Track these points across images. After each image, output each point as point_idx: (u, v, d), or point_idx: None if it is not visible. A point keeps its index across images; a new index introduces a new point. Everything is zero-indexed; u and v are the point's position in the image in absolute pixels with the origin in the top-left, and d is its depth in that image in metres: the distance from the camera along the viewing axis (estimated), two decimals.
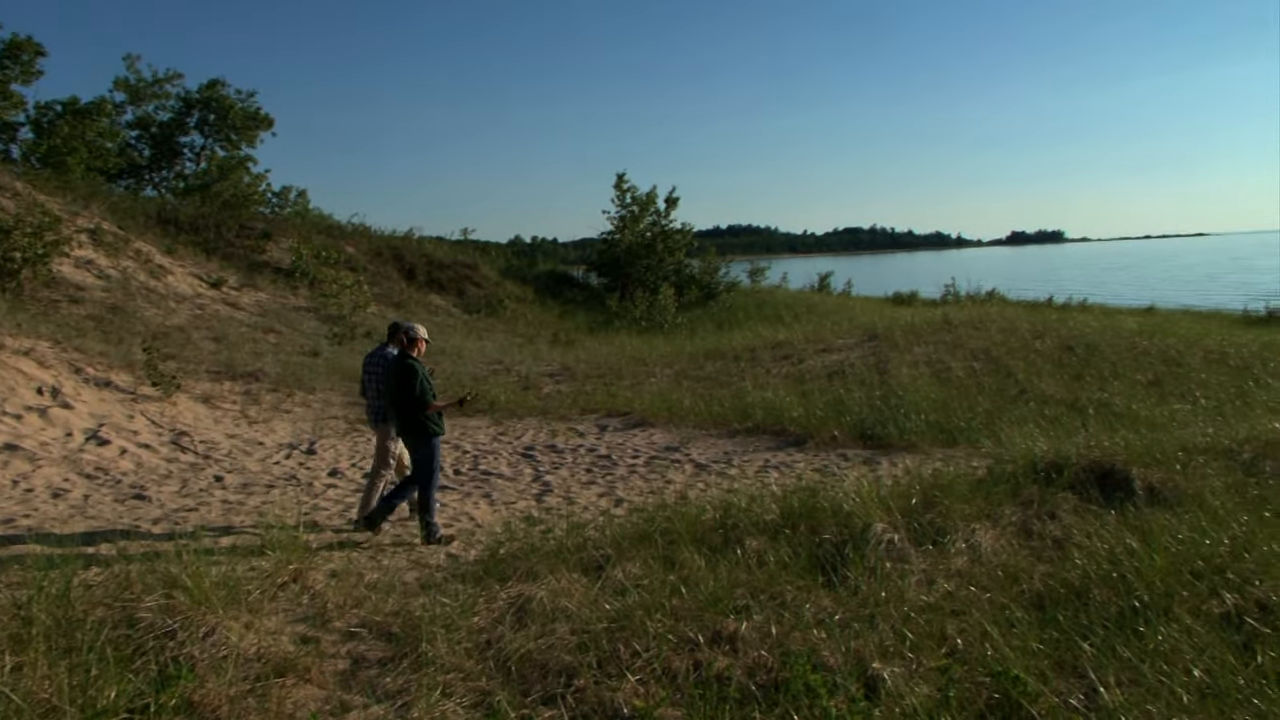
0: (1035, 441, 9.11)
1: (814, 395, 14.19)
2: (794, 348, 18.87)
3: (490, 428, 13.85)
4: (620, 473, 10.94)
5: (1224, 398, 12.55)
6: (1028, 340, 17.28)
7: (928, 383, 14.56)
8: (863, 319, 23.60)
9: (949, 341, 17.66)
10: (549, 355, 21.60)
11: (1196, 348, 16.30)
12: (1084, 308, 30.01)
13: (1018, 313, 22.14)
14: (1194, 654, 4.26)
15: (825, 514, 6.81)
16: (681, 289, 33.59)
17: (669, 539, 6.61)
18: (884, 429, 11.70)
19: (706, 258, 36.35)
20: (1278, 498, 6.70)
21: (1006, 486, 7.64)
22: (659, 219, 36.09)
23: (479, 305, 30.48)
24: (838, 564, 5.98)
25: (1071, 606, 5.11)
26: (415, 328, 8.12)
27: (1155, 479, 7.51)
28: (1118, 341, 16.92)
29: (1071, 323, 19.61)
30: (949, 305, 28.82)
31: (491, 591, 5.83)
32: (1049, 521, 6.89)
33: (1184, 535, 5.97)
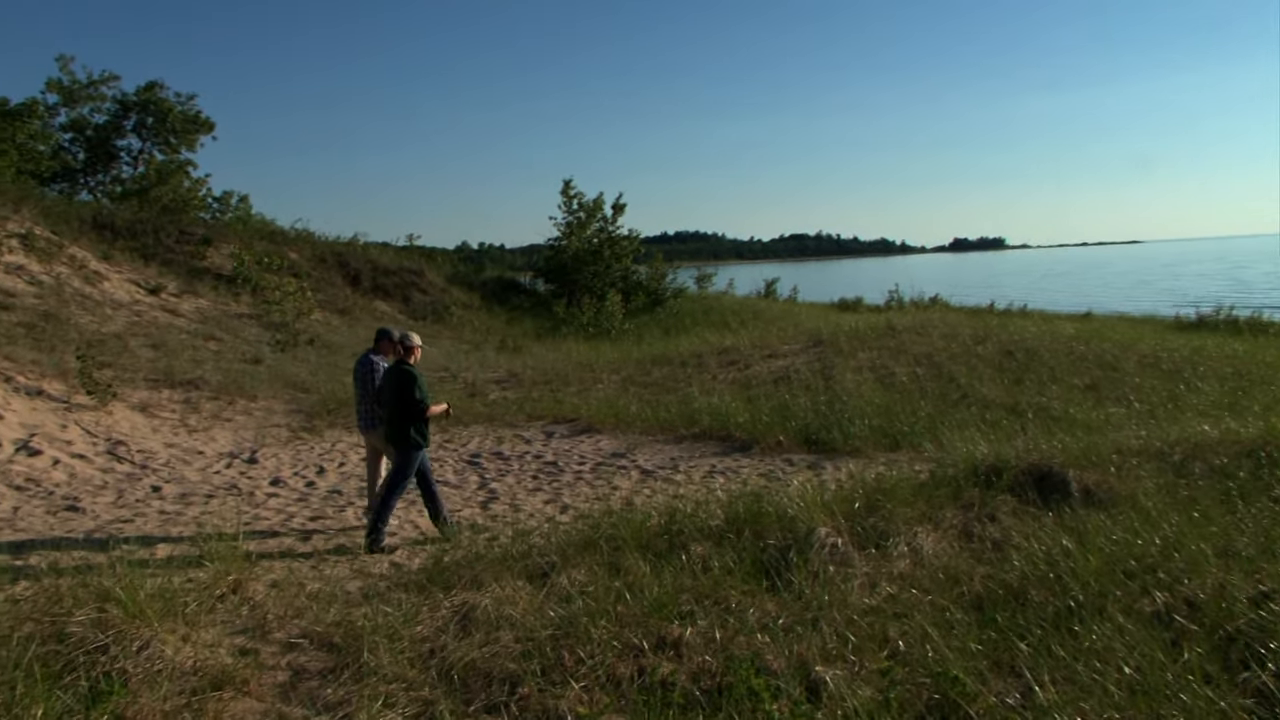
0: (976, 445, 9.27)
1: (760, 401, 14.28)
2: (740, 354, 18.98)
3: (435, 435, 13.72)
4: (567, 479, 10.91)
5: (1156, 401, 12.88)
6: (969, 345, 17.58)
7: (872, 388, 14.74)
8: (808, 325, 23.81)
9: (893, 347, 17.89)
10: (496, 362, 21.49)
11: (1131, 352, 16.71)
12: (1024, 313, 30.59)
13: (960, 318, 22.50)
14: (1125, 651, 4.36)
15: (770, 519, 6.85)
16: (629, 295, 33.60)
17: (614, 545, 6.60)
18: (829, 434, 11.82)
19: (654, 264, 36.42)
20: (1206, 498, 6.88)
21: (948, 490, 7.75)
22: (606, 225, 36.08)
23: (425, 311, 30.21)
24: (782, 568, 6.02)
25: (1010, 607, 5.19)
26: (411, 336, 8.30)
27: (1091, 481, 7.68)
28: (1056, 346, 17.28)
29: (1012, 328, 19.97)
30: (893, 311, 29.20)
31: (435, 600, 5.77)
32: (989, 524, 7.00)
33: (1118, 536, 6.11)
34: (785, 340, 20.20)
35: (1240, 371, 14.93)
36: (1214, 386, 13.78)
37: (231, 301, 25.28)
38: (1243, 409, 11.44)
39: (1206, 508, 6.58)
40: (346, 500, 10.06)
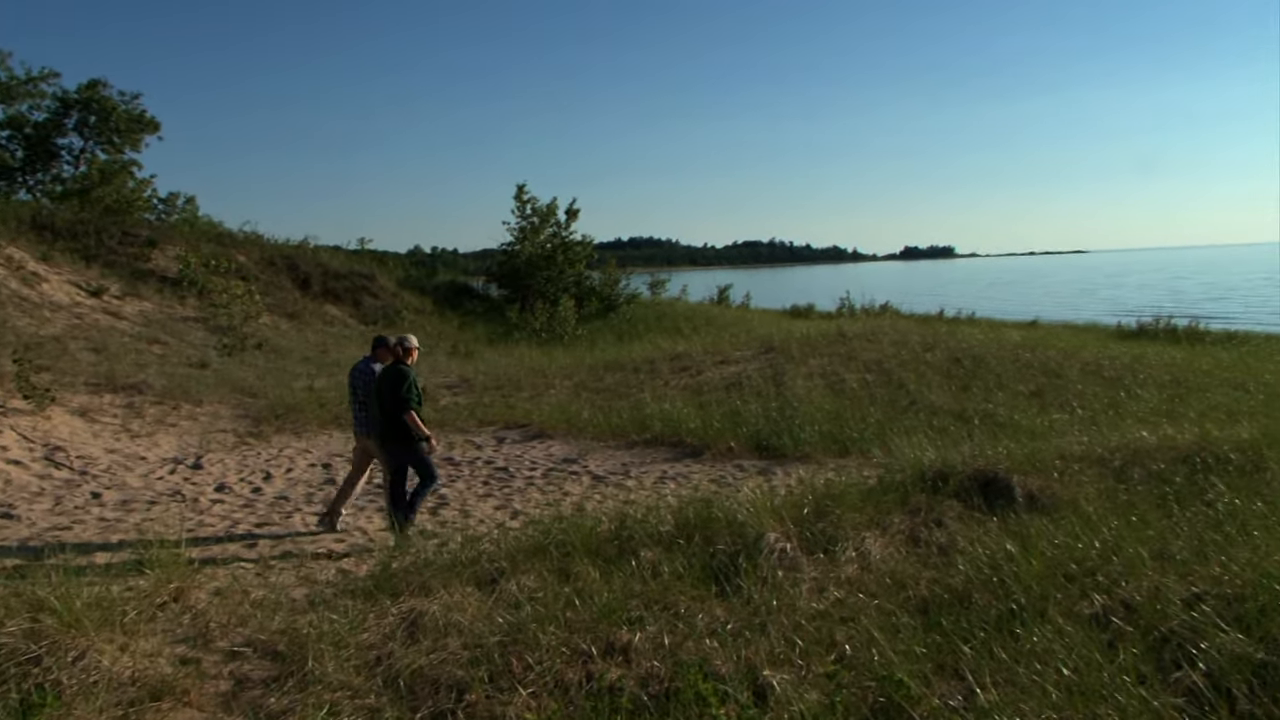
0: (924, 451, 9.39)
1: (712, 407, 14.35)
2: (693, 360, 19.05)
3: None
4: (517, 485, 10.87)
5: (1098, 408, 13.15)
6: (918, 352, 17.81)
7: (822, 394, 14.88)
8: (760, 331, 23.95)
9: (843, 354, 18.08)
10: (447, 367, 21.34)
11: (1074, 360, 17.04)
12: (972, 321, 31.09)
13: (909, 326, 22.80)
14: (1064, 653, 4.44)
15: (720, 524, 6.88)
16: (582, 301, 33.59)
17: (564, 551, 6.59)
18: (779, 440, 11.91)
19: (607, 270, 36.45)
20: (1144, 503, 7.04)
21: (896, 495, 7.84)
22: (559, 230, 36.05)
23: (376, 316, 29.93)
24: (731, 574, 6.05)
25: (954, 611, 5.27)
26: (408, 338, 8.65)
27: (1035, 486, 7.81)
28: (1002, 354, 17.57)
29: (960, 335, 20.29)
30: (844, 318, 29.49)
31: (382, 607, 5.72)
32: (935, 529, 7.09)
33: (1059, 540, 6.22)
34: (737, 347, 20.30)
35: (1178, 379, 15.30)
36: (1153, 394, 14.11)
37: (177, 304, 24.85)
38: (1179, 415, 11.73)
39: (1144, 512, 6.73)
40: (294, 506, 9.92)
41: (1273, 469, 7.68)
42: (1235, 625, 4.41)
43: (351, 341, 25.61)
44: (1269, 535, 5.73)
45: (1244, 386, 14.51)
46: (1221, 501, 6.81)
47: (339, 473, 11.43)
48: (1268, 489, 7.06)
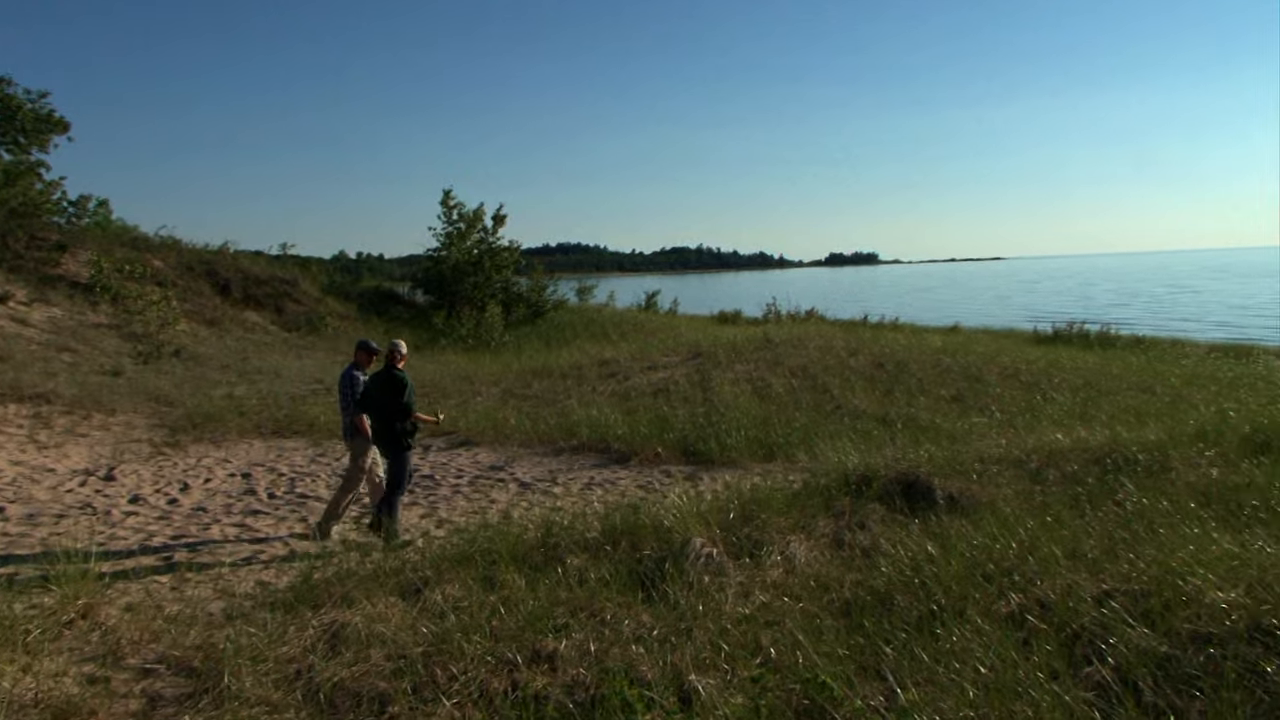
0: (848, 455, 9.55)
1: (639, 413, 14.39)
2: (620, 366, 19.07)
3: (309, 449, 13.34)
4: (443, 493, 10.76)
5: (1016, 411, 13.51)
6: (843, 358, 18.09)
7: (748, 399, 15.01)
8: (688, 337, 24.09)
9: (769, 359, 18.27)
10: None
11: (993, 365, 17.49)
12: (895, 326, 31.68)
13: (834, 331, 23.15)
14: (982, 652, 4.54)
15: (646, 530, 6.91)
16: (509, 307, 33.40)
17: (490, 559, 6.55)
18: (706, 445, 11.99)
19: (534, 276, 36.31)
20: (1058, 503, 7.25)
21: (820, 499, 7.96)
22: (487, 236, 35.80)
23: (298, 322, 29.35)
24: (657, 579, 6.07)
25: (877, 612, 5.36)
26: (398, 344, 8.92)
27: (955, 488, 8.00)
28: (924, 359, 17.96)
29: (883, 341, 20.67)
30: (770, 324, 29.80)
31: (303, 619, 5.60)
32: (859, 531, 7.20)
33: (978, 541, 6.37)
34: (665, 352, 20.39)
35: (1090, 383, 15.79)
36: (1067, 397, 14.54)
37: (89, 311, 24.03)
38: (1092, 418, 12.12)
39: (1058, 512, 6.93)
40: (212, 518, 9.67)
41: (1177, 469, 7.97)
42: (1142, 620, 4.57)
43: (273, 349, 25.07)
44: (1173, 533, 5.94)
45: (1151, 389, 15.05)
46: (1130, 501, 7.04)
47: (259, 482, 11.18)
48: (1172, 488, 7.33)
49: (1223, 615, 4.43)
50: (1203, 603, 4.58)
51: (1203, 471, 7.83)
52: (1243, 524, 6.17)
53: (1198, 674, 4.08)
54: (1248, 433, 8.99)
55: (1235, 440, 8.83)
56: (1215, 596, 4.59)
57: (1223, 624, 4.37)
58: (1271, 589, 4.57)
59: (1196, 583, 4.78)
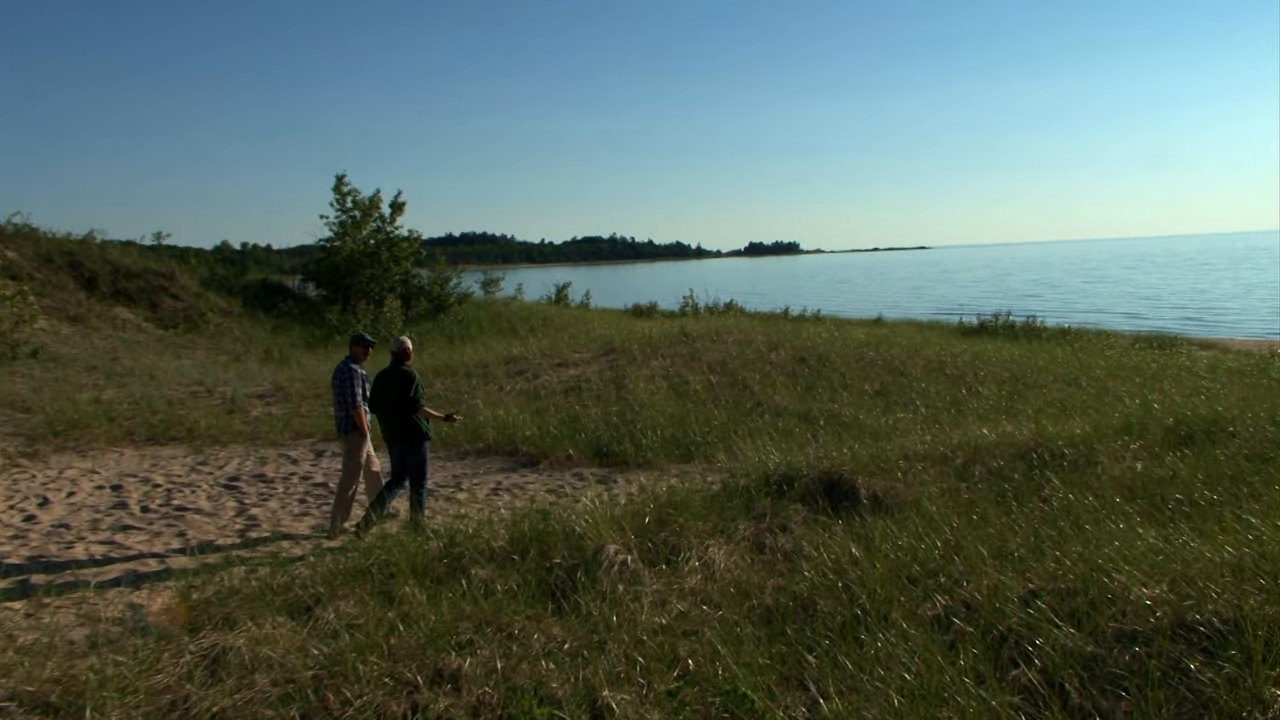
0: (769, 454, 9.66)
1: (549, 412, 14.34)
2: (529, 363, 18.98)
3: (188, 457, 12.94)
4: None
5: (941, 406, 13.86)
6: (763, 352, 18.30)
7: (665, 397, 15.08)
8: (601, 332, 24.07)
9: (686, 354, 18.38)
10: (259, 374, 20.52)
11: (918, 358, 17.90)
12: (817, 319, 32.19)
13: (754, 325, 23.40)
14: (908, 657, 4.64)
15: (557, 538, 6.89)
16: (409, 301, 32.92)
17: (388, 573, 6.45)
18: (620, 446, 12.01)
19: (436, 268, 35.84)
20: (984, 501, 7.45)
21: (740, 501, 8.04)
22: (384, 225, 35.19)
23: (176, 319, 28.46)
24: (569, 590, 6.05)
25: (799, 619, 5.43)
26: (404, 340, 9.46)
27: (879, 487, 8.16)
28: (847, 353, 18.29)
29: (805, 335, 21.00)
30: (687, 318, 30.01)
31: (179, 644, 5.42)
32: (780, 534, 7.29)
33: (903, 542, 6.51)
34: (576, 348, 20.35)
35: (1016, 376, 16.29)
36: (993, 390, 14.97)
37: None
38: (1018, 412, 12.50)
39: (984, 510, 7.13)
40: (75, 535, 9.30)
41: (1103, 463, 8.27)
42: (1068, 620, 4.71)
43: (147, 348, 24.27)
44: (1099, 529, 6.16)
45: (1077, 382, 15.60)
46: (1056, 497, 7.29)
47: (131, 495, 10.81)
48: (1098, 482, 7.61)
49: (1147, 612, 4.61)
50: (1128, 600, 4.75)
51: (1128, 465, 8.14)
52: (1167, 518, 6.43)
53: (1123, 674, 4.22)
54: (1171, 425, 9.39)
55: (1159, 433, 9.21)
56: (1140, 593, 4.76)
57: (1147, 621, 4.54)
58: (1194, 584, 4.77)
59: (1122, 580, 4.95)
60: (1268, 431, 8.60)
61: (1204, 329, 36.32)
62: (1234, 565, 4.93)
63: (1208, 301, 53.32)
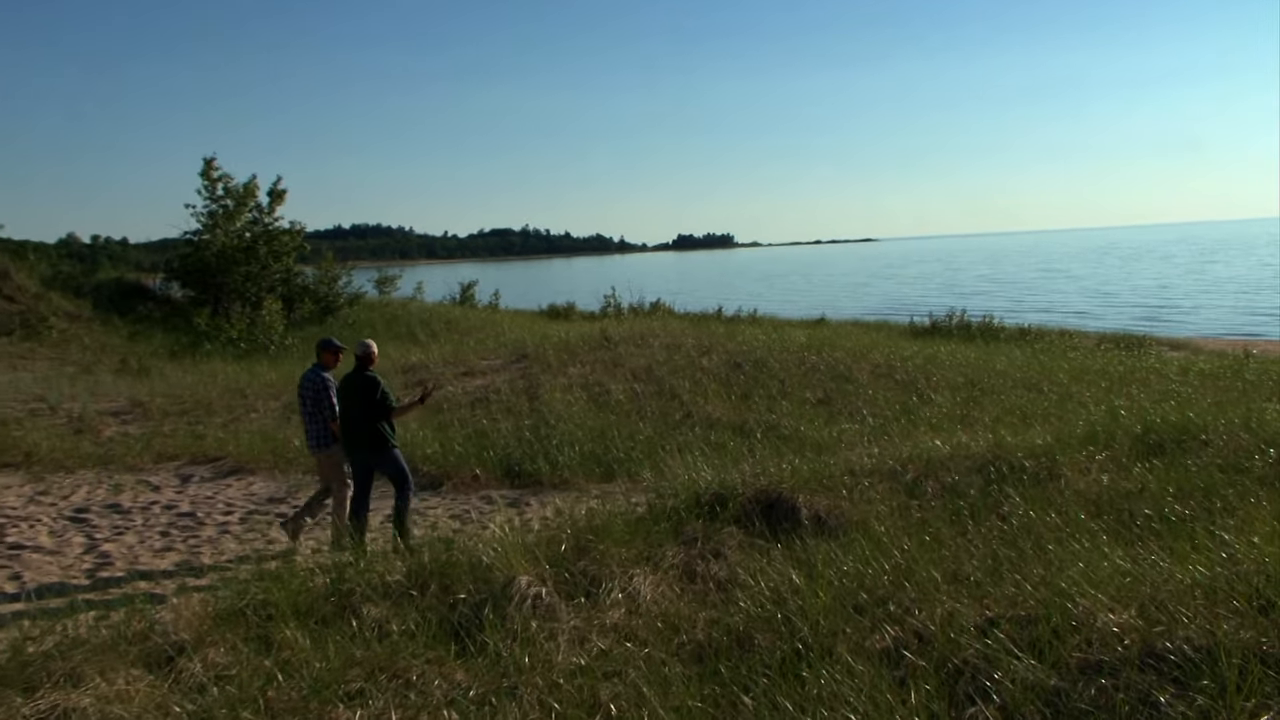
0: (700, 471, 9.69)
1: (453, 427, 14.25)
2: (430, 371, 18.86)
3: (25, 486, 12.55)
4: (208, 534, 10.37)
5: (890, 415, 14.06)
6: (693, 358, 18.41)
7: (584, 409, 15.08)
8: (512, 336, 24.01)
9: (608, 360, 18.41)
10: (114, 388, 20.04)
11: (864, 362, 18.16)
12: (754, 320, 32.48)
13: (683, 327, 23.55)
14: (854, 695, 4.67)
15: (461, 570, 6.84)
16: (292, 302, 32.45)
17: (266, 614, 6.32)
18: (534, 464, 11.98)
19: (323, 264, 35.38)
20: (938, 520, 7.57)
21: (668, 524, 8.05)
22: (261, 216, 34.59)
23: (11, 325, 27.57)
24: (475, 629, 6.00)
25: (734, 655, 5.44)
26: (369, 344, 9.71)
27: (822, 507, 8.24)
28: (786, 357, 18.47)
29: (740, 337, 21.16)
30: (609, 319, 30.04)
31: (11, 706, 5.22)
32: (713, 561, 7.32)
33: (849, 566, 6.58)
34: (484, 355, 20.26)
35: (972, 380, 16.61)
36: (947, 397, 15.25)
37: None
38: (974, 421, 12.74)
39: (938, 530, 7.24)
40: None
41: (1066, 476, 8.47)
42: (1029, 650, 4.80)
43: None
44: (1062, 549, 6.30)
45: (1038, 387, 15.96)
46: (1016, 514, 7.43)
47: None
48: (1061, 498, 7.78)
49: (1114, 640, 4.71)
50: (1094, 627, 4.85)
51: (1093, 478, 8.35)
52: (1135, 536, 6.60)
53: (1089, 709, 4.31)
54: (1139, 433, 9.65)
55: (1127, 442, 9.47)
56: (1106, 619, 4.87)
57: (1114, 650, 4.64)
58: (1165, 608, 4.89)
59: (1087, 605, 5.06)
60: (1242, 439, 8.88)
61: (1163, 328, 37.36)
62: (1207, 587, 5.08)
63: (1169, 298, 55.20)
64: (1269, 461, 8.08)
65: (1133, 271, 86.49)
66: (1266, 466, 7.98)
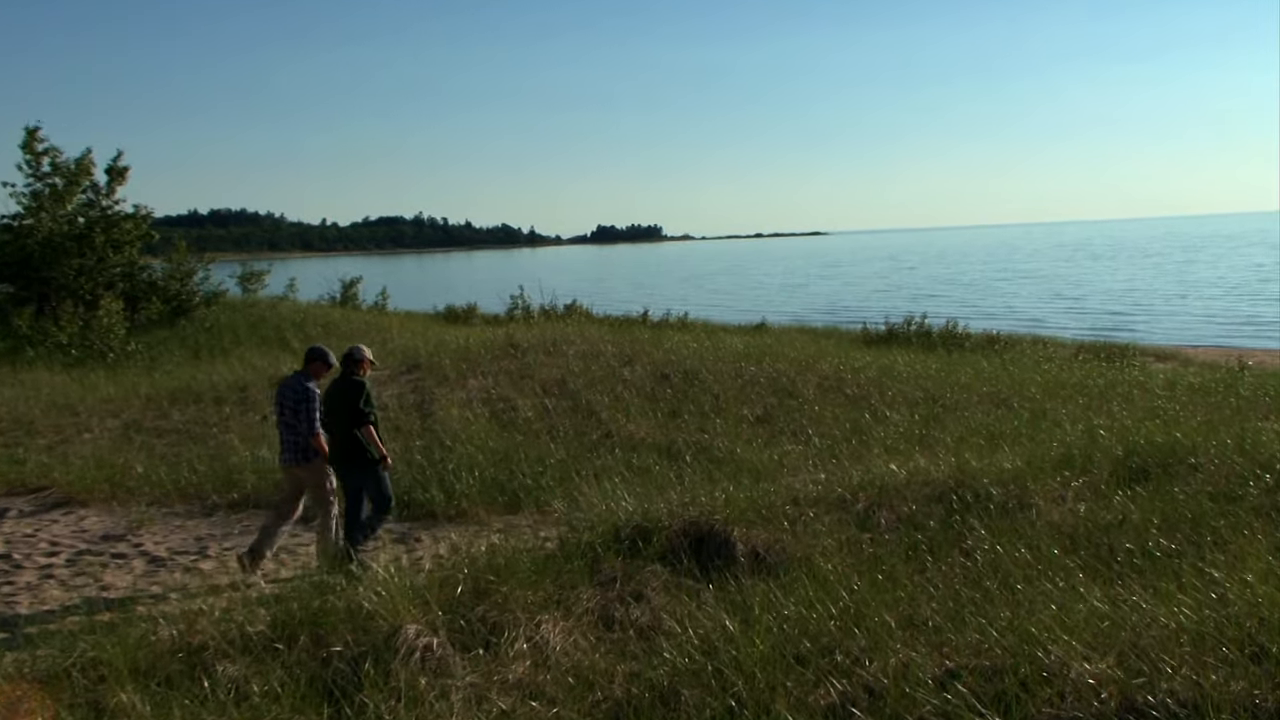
0: (620, 500, 9.70)
1: None
2: None
3: None
4: (26, 580, 10.14)
5: (839, 435, 14.22)
6: (614, 368, 18.44)
7: (486, 428, 15.03)
8: (401, 342, 23.86)
9: (515, 371, 18.38)
10: None
11: (810, 374, 18.35)
12: (684, 325, 32.66)
13: (603, 332, 23.56)
14: None
15: (337, 618, 6.78)
16: (135, 301, 31.92)
17: (98, 675, 6.20)
18: (425, 493, 11.94)
19: (175, 256, 34.85)
20: (893, 556, 7.67)
21: (583, 562, 8.04)
22: (98, 198, 33.95)
23: None
24: (352, 687, 5.95)
25: (657, 714, 5.45)
26: (361, 348, 10.31)
27: (760, 541, 8.30)
28: (722, 368, 18.60)
29: (668, 345, 21.25)
30: (516, 323, 29.99)
31: None
32: (634, 605, 7.34)
33: (790, 610, 6.62)
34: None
35: (933, 395, 16.88)
36: (904, 415, 15.46)
37: None
38: (934, 442, 12.93)
39: (893, 567, 7.33)
40: None
41: (1038, 505, 8.63)
42: (993, 706, 4.86)
43: None
44: (1033, 589, 6.41)
45: (1007, 403, 16.26)
46: (981, 549, 7.55)
47: None
48: (1032, 530, 7.92)
49: (1090, 694, 4.79)
50: (1067, 679, 4.93)
51: (1068, 508, 8.52)
52: (1115, 574, 6.74)
53: None
54: (1121, 456, 9.87)
55: (1107, 466, 9.68)
56: (1081, 670, 4.95)
57: (1090, 705, 4.72)
58: (1146, 656, 4.99)
59: (1060, 653, 5.14)
60: (1235, 463, 9.11)
61: (1129, 336, 38.10)
62: (1194, 632, 5.19)
63: (1136, 302, 56.79)
64: (1265, 488, 8.31)
65: (1103, 271, 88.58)
66: (1262, 494, 8.20)
